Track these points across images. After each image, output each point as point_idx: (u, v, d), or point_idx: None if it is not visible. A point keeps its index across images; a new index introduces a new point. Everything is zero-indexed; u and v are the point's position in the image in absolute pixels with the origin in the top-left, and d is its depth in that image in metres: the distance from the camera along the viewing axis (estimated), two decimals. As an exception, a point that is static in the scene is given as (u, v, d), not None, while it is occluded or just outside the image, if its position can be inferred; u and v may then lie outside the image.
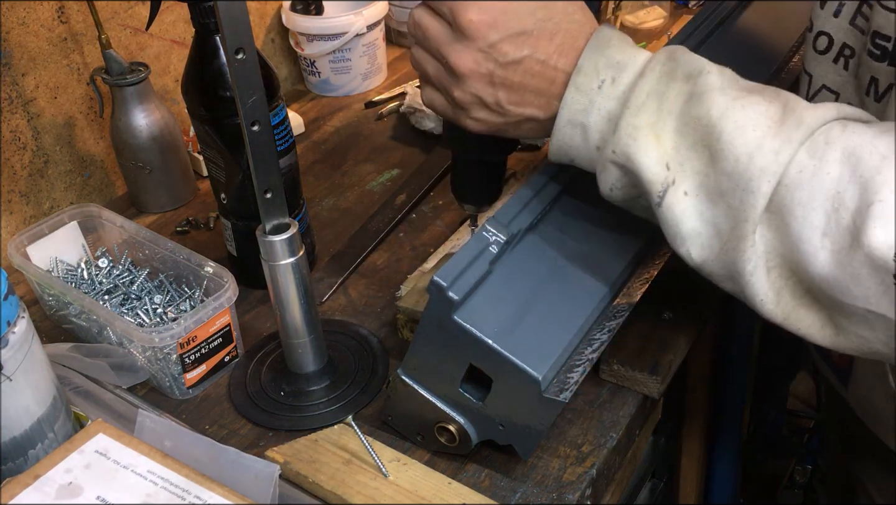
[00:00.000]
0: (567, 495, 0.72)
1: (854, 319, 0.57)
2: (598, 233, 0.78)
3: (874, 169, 0.53)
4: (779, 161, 0.56)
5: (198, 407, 0.85)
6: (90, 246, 0.99)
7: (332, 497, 0.72)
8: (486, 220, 0.69)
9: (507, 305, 0.68)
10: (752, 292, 0.59)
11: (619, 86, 0.63)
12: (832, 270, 0.55)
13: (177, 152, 1.13)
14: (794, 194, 0.56)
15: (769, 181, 0.56)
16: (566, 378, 0.68)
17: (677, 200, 0.60)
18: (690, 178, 0.60)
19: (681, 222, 0.61)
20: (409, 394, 0.73)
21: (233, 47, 0.64)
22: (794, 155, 0.56)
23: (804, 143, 0.56)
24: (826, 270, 0.55)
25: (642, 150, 0.61)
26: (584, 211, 0.78)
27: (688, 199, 0.60)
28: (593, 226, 0.78)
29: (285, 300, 0.77)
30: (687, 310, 0.87)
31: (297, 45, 1.38)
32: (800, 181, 0.56)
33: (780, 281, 0.59)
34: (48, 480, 0.64)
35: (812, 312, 0.59)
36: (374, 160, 1.22)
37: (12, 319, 0.66)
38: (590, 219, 0.78)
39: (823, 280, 0.56)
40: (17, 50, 1.04)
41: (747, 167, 0.57)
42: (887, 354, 0.58)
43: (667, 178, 0.60)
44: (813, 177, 0.55)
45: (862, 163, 0.54)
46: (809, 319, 0.59)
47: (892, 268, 0.52)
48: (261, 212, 0.73)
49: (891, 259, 0.52)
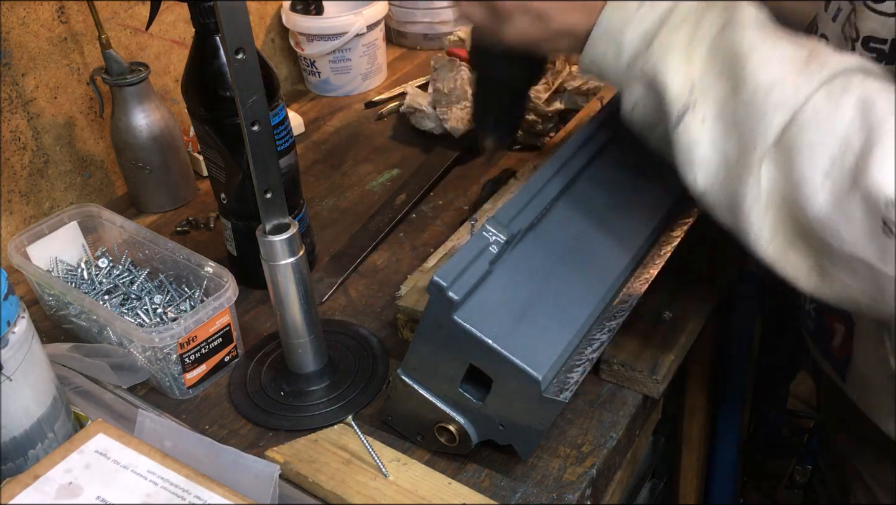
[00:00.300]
0: (567, 495, 0.72)
1: (840, 265, 0.58)
2: (597, 233, 0.78)
3: (883, 117, 0.55)
4: (796, 98, 0.57)
5: (198, 407, 0.85)
6: (90, 246, 0.99)
7: (332, 497, 0.72)
8: (486, 220, 0.69)
9: (507, 305, 0.68)
10: (748, 226, 0.61)
11: (657, 7, 0.64)
12: (828, 212, 0.56)
13: (177, 152, 1.13)
14: (804, 134, 0.57)
15: (783, 115, 0.58)
16: (566, 378, 0.68)
17: (694, 125, 0.62)
18: (711, 106, 0.61)
19: (693, 148, 0.62)
20: (409, 394, 0.73)
21: (233, 47, 0.64)
22: (812, 95, 0.57)
23: (823, 86, 0.58)
24: (823, 211, 0.56)
25: (671, 69, 0.62)
26: (584, 211, 0.78)
27: (704, 126, 0.61)
28: (593, 226, 0.78)
29: (285, 300, 0.77)
30: (687, 309, 0.87)
31: (297, 45, 1.38)
32: (812, 122, 0.57)
33: (777, 221, 0.60)
34: (48, 480, 0.64)
35: (802, 256, 0.60)
36: (374, 160, 1.22)
37: (12, 319, 0.66)
38: (590, 219, 0.78)
39: (818, 221, 0.57)
40: (17, 50, 1.04)
41: (765, 99, 0.58)
42: (864, 305, 0.59)
43: (688, 100, 0.62)
44: (826, 119, 0.57)
45: (874, 110, 0.55)
46: (798, 263, 0.60)
47: (882, 211, 0.54)
48: (261, 212, 0.73)
49: (882, 202, 0.54)
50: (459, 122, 1.17)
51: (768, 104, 0.58)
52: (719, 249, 0.94)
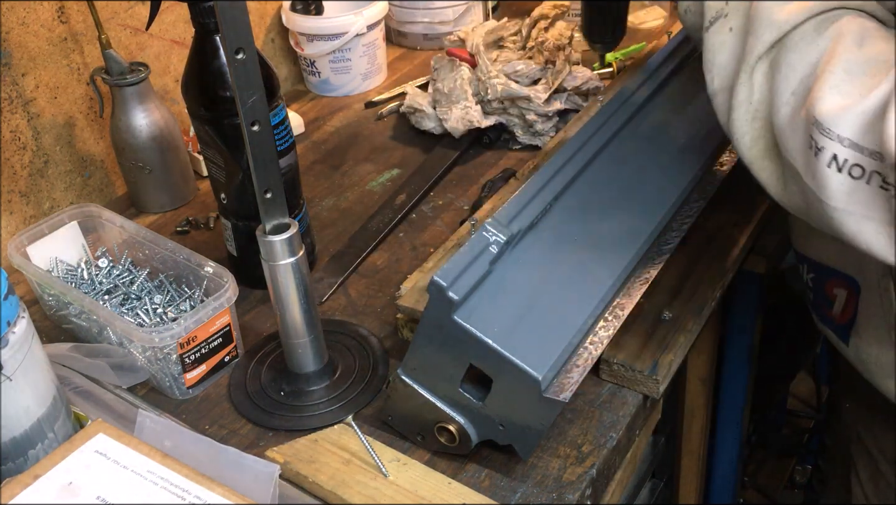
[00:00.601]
0: (567, 495, 0.72)
1: (789, 174, 0.66)
2: (597, 233, 0.78)
3: (847, 46, 0.62)
4: (788, 21, 0.65)
5: (198, 407, 0.85)
6: (90, 246, 0.99)
7: (332, 497, 0.72)
8: (486, 220, 0.69)
9: (506, 305, 0.68)
10: (735, 130, 0.69)
11: None
12: (785, 124, 0.64)
13: (177, 152, 1.13)
14: (787, 55, 0.65)
15: (772, 34, 0.65)
16: (566, 378, 0.68)
17: (722, 32, 0.70)
18: (738, 19, 0.69)
19: (716, 51, 0.70)
20: (409, 394, 0.73)
21: (233, 47, 0.64)
22: (803, 22, 0.65)
23: (815, 16, 0.65)
24: (782, 122, 0.65)
25: None
26: (583, 211, 0.78)
27: (729, 35, 0.69)
28: (593, 226, 0.78)
29: (285, 300, 0.77)
30: (687, 309, 0.87)
31: (297, 45, 1.38)
32: (795, 45, 0.65)
33: (759, 132, 0.68)
34: (48, 480, 0.64)
35: (773, 165, 0.68)
36: (374, 160, 1.22)
37: (12, 319, 0.66)
38: (589, 219, 0.78)
39: (779, 131, 0.65)
40: (17, 50, 1.04)
41: (766, 16, 0.66)
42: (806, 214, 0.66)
43: (722, 9, 0.70)
44: (806, 46, 0.64)
45: (842, 41, 0.62)
46: (770, 171, 0.69)
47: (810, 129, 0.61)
48: (261, 212, 0.73)
49: (811, 120, 0.61)
50: (459, 122, 1.17)
51: (764, 22, 0.66)
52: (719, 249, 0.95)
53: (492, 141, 1.21)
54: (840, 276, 0.85)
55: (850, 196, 0.60)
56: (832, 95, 0.60)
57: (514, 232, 0.69)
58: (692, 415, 1.22)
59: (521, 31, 1.22)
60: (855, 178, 0.60)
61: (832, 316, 0.88)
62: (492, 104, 1.17)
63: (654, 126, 0.89)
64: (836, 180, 0.60)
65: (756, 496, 1.82)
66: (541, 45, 1.15)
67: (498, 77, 1.15)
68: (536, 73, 1.15)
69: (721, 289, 0.91)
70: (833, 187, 0.60)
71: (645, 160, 0.86)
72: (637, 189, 0.83)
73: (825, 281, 0.87)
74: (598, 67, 1.26)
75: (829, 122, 0.60)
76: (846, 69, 0.61)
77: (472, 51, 1.19)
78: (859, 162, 0.59)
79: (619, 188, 0.82)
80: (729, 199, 1.00)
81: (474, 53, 1.19)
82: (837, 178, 0.60)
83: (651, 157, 0.86)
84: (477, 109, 1.17)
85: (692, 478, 1.31)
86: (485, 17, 1.52)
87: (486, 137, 1.21)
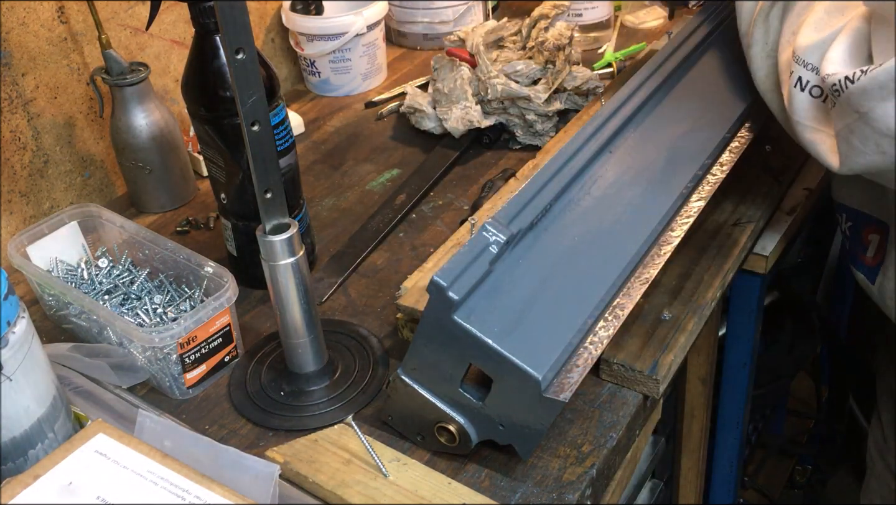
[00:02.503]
0: (567, 495, 0.72)
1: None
2: (597, 233, 0.78)
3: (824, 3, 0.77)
4: None
5: (198, 407, 0.85)
6: (90, 246, 0.99)
7: (332, 497, 0.72)
8: (486, 220, 0.69)
9: (507, 305, 0.68)
10: (753, 62, 0.84)
11: None
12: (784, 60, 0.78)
13: (177, 152, 1.13)
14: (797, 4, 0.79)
15: None
16: (566, 378, 0.68)
17: None
18: None
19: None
20: (409, 394, 0.73)
21: (233, 47, 0.64)
22: None
23: None
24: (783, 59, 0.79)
25: None
26: (583, 211, 0.78)
27: None
28: (593, 226, 0.78)
29: (285, 300, 0.77)
30: (687, 309, 0.87)
31: (297, 45, 1.38)
32: None
33: (772, 68, 0.82)
34: (48, 480, 0.64)
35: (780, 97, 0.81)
36: (374, 160, 1.22)
37: (12, 319, 0.66)
38: (589, 218, 0.78)
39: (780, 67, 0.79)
40: (17, 50, 1.04)
41: None
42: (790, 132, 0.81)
43: None
44: None
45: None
46: (777, 101, 0.83)
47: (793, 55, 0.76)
48: (261, 212, 0.73)
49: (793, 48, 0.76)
50: (459, 122, 1.17)
51: None
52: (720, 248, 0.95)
53: (492, 141, 1.21)
54: (875, 222, 0.94)
55: (808, 112, 0.76)
56: (809, 31, 0.76)
57: (514, 232, 0.69)
58: (692, 415, 1.22)
59: (521, 31, 1.22)
60: (815, 97, 0.76)
61: (864, 259, 0.96)
62: (492, 104, 1.17)
63: (654, 126, 0.89)
64: (799, 98, 0.76)
65: (756, 496, 1.82)
66: (541, 45, 1.15)
67: (498, 77, 1.15)
68: (536, 73, 1.15)
69: (721, 289, 0.91)
70: (797, 105, 0.77)
71: (645, 160, 0.86)
72: (637, 189, 0.83)
73: (862, 228, 0.96)
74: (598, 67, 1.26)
75: (802, 53, 0.75)
76: (827, 10, 0.76)
77: (472, 51, 1.19)
78: (818, 83, 0.75)
79: (620, 188, 0.82)
80: (729, 200, 1.00)
81: (474, 53, 1.19)
82: (800, 96, 0.76)
83: (651, 156, 0.86)
84: (477, 109, 1.17)
85: (692, 478, 1.31)
86: (485, 17, 1.52)
87: (486, 137, 1.21)
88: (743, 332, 1.21)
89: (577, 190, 0.79)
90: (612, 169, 0.83)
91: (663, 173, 0.87)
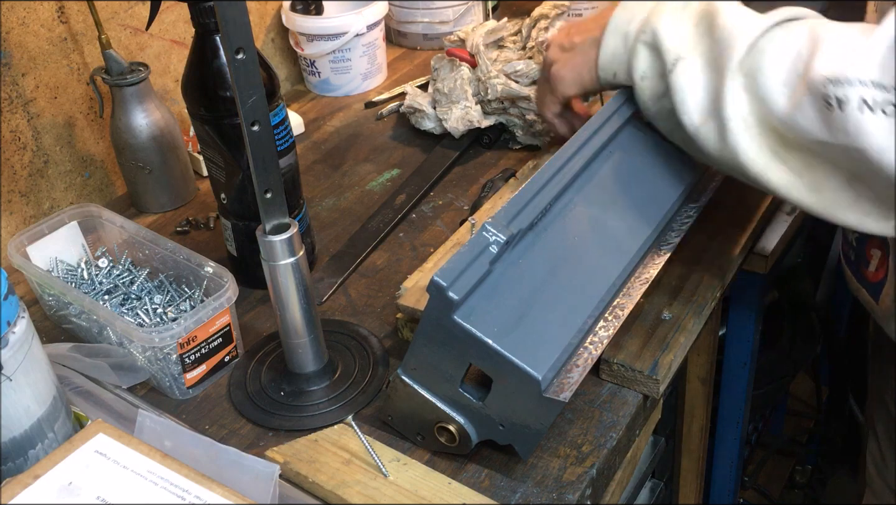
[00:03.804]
0: (567, 495, 0.72)
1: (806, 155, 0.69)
2: (597, 233, 0.78)
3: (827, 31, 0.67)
4: (757, 28, 0.71)
5: (198, 407, 0.85)
6: (90, 246, 0.99)
7: (332, 497, 0.72)
8: (486, 220, 0.69)
9: (506, 305, 0.68)
10: (735, 146, 0.72)
11: (653, 2, 0.80)
12: (788, 110, 0.67)
13: (177, 152, 1.13)
14: (764, 56, 0.69)
15: (745, 41, 0.70)
16: (566, 378, 0.68)
17: (686, 72, 0.75)
18: (698, 58, 0.75)
19: (686, 90, 0.75)
20: (409, 394, 0.73)
21: (233, 47, 0.64)
22: (770, 28, 0.70)
23: (780, 24, 0.71)
24: (784, 111, 0.68)
25: (666, 27, 0.77)
26: (583, 211, 0.78)
27: (694, 72, 0.75)
28: (593, 226, 0.78)
29: (285, 300, 0.77)
30: (687, 309, 0.87)
31: (297, 45, 1.38)
32: (770, 45, 0.69)
33: (759, 139, 0.71)
34: (48, 480, 0.64)
35: (785, 166, 0.71)
36: (374, 160, 1.22)
37: (12, 319, 0.66)
38: (589, 218, 0.78)
39: (781, 122, 0.68)
40: (17, 50, 1.04)
41: (731, 32, 0.72)
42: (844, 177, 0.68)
43: (680, 53, 0.75)
44: (781, 41, 0.69)
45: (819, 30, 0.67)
46: (782, 173, 0.71)
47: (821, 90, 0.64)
48: (261, 212, 0.73)
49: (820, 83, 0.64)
50: (459, 122, 1.17)
51: (734, 35, 0.71)
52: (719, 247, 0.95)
53: (492, 141, 1.21)
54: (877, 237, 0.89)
55: (892, 132, 0.61)
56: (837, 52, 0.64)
57: (514, 232, 0.69)
58: (692, 415, 1.22)
59: (521, 31, 1.22)
60: (889, 115, 0.61)
61: (867, 274, 0.92)
62: (492, 104, 1.17)
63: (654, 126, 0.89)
64: (873, 121, 0.62)
65: (756, 496, 1.82)
66: (541, 45, 1.15)
67: (498, 77, 1.15)
68: (536, 73, 1.15)
69: (721, 289, 0.91)
70: (871, 129, 0.62)
71: (645, 160, 0.86)
72: (637, 189, 0.83)
73: (866, 241, 0.92)
74: None
75: (847, 72, 0.62)
76: (839, 33, 0.66)
77: (472, 51, 1.19)
78: (889, 98, 0.61)
79: (620, 188, 0.82)
80: (729, 200, 1.00)
81: (474, 53, 1.19)
82: (873, 118, 0.62)
83: (651, 156, 0.86)
84: (477, 109, 1.17)
85: (692, 478, 1.31)
86: (485, 17, 1.52)
87: (486, 137, 1.21)
88: (743, 332, 1.21)
89: (577, 190, 0.79)
90: (613, 169, 0.83)
91: (664, 173, 0.87)
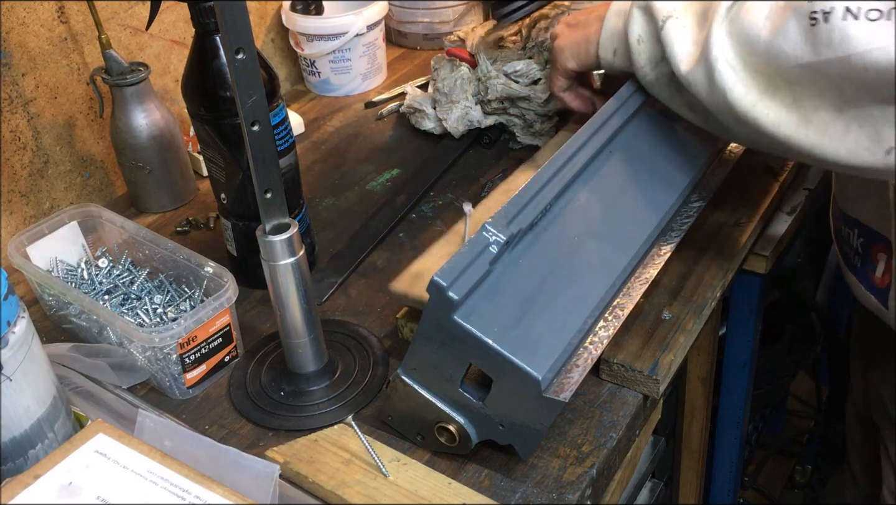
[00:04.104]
0: (567, 495, 0.72)
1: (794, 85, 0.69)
2: (597, 233, 0.78)
3: None
4: None
5: (198, 407, 0.85)
6: (90, 246, 0.99)
7: (332, 497, 0.72)
8: (486, 220, 0.69)
9: (506, 305, 0.68)
10: (724, 89, 0.72)
11: None
12: (770, 38, 0.68)
13: (177, 152, 1.13)
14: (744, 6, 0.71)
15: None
16: (566, 378, 0.68)
17: (675, 27, 0.77)
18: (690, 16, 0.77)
19: (675, 42, 0.77)
20: (409, 394, 0.73)
21: (233, 47, 0.64)
22: None
23: None
24: (766, 40, 0.68)
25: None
26: (583, 211, 0.78)
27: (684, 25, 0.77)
28: (593, 226, 0.78)
29: (285, 300, 0.77)
30: (687, 309, 0.87)
31: (297, 45, 1.38)
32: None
33: (746, 78, 0.72)
34: (48, 480, 0.64)
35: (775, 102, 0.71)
36: (374, 160, 1.22)
37: (12, 319, 0.66)
38: (589, 219, 0.78)
39: (766, 52, 0.69)
40: (17, 50, 1.04)
41: None
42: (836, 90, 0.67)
43: (670, 12, 0.78)
44: None
45: None
46: (775, 105, 0.71)
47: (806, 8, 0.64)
48: (261, 212, 0.73)
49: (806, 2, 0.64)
50: (459, 122, 1.17)
51: None
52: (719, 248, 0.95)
53: (492, 141, 1.21)
54: (883, 240, 0.90)
55: (874, 34, 0.63)
56: None
57: (514, 232, 0.69)
58: (692, 415, 1.22)
59: (521, 31, 1.22)
60: (873, 20, 0.63)
61: (874, 280, 0.92)
62: (492, 104, 1.17)
63: (655, 126, 0.89)
64: (856, 27, 0.63)
65: (756, 496, 1.82)
66: (541, 45, 1.15)
67: (498, 77, 1.15)
68: (536, 73, 1.15)
69: (721, 289, 0.91)
70: (855, 34, 0.63)
71: (645, 160, 0.86)
72: (637, 189, 0.83)
73: (872, 245, 0.91)
74: None
75: None
76: None
77: (472, 51, 1.19)
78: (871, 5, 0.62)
79: (620, 188, 0.82)
80: (729, 199, 1.00)
81: (474, 53, 1.19)
82: (856, 24, 0.63)
83: (651, 156, 0.86)
84: (477, 109, 1.17)
85: (692, 478, 1.31)
86: (485, 17, 1.52)
87: (486, 137, 1.21)
88: (743, 332, 1.21)
89: (576, 190, 0.79)
90: (613, 169, 0.83)
91: (664, 173, 0.87)
